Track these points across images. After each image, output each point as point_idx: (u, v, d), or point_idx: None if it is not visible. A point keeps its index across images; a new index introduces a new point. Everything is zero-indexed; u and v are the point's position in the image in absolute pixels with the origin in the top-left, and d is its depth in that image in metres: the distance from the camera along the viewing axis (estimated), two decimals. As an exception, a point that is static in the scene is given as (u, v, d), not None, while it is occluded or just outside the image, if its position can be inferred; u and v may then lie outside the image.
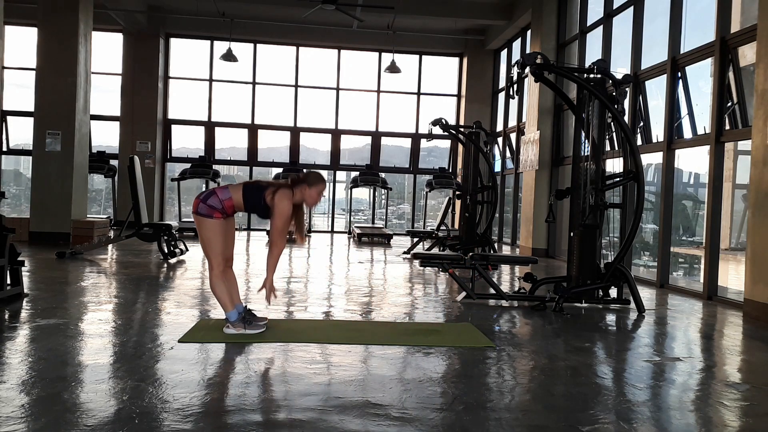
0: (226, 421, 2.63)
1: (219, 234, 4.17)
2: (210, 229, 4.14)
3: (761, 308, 5.68)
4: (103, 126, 15.45)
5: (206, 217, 4.12)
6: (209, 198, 4.13)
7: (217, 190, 4.16)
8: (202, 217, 4.12)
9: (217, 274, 4.22)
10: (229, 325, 4.22)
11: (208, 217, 4.11)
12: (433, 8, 13.58)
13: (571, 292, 5.89)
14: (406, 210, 18.22)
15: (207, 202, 4.12)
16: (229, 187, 4.18)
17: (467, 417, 2.80)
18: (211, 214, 4.11)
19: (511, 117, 14.35)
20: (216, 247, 4.19)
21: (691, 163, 8.51)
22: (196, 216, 4.15)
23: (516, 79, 6.13)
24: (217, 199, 4.12)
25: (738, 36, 6.80)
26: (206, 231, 4.15)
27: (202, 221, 4.14)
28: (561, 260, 10.46)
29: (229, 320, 4.21)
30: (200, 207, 4.12)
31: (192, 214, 4.22)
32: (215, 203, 4.12)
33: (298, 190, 4.16)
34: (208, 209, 4.11)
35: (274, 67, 15.92)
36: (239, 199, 4.14)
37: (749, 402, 3.25)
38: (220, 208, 4.12)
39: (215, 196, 4.13)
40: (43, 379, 3.10)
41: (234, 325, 4.20)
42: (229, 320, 4.21)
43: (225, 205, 4.13)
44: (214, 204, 4.11)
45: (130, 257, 8.89)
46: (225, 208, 4.14)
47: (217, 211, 4.12)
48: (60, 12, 10.61)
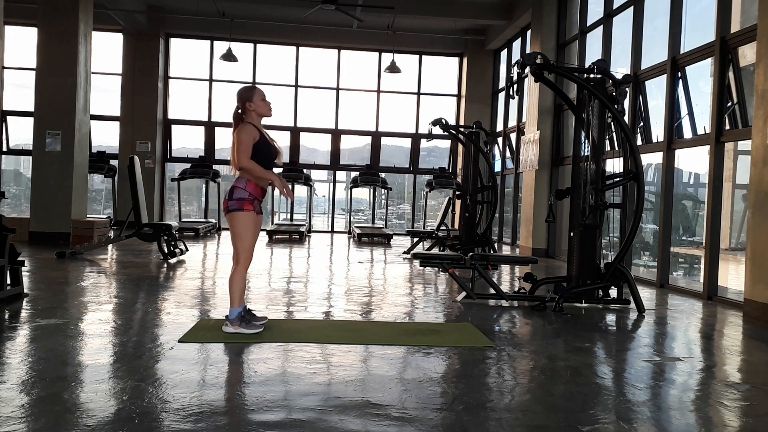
0: (226, 421, 2.63)
1: (251, 227, 4.20)
2: (242, 223, 4.17)
3: (761, 308, 5.68)
4: (103, 126, 15.46)
5: (237, 210, 4.15)
6: (233, 192, 4.18)
7: (235, 184, 4.20)
8: (234, 212, 4.16)
9: (242, 270, 4.24)
10: (228, 323, 4.22)
11: (239, 210, 4.15)
12: (433, 8, 13.58)
13: (571, 292, 5.89)
14: (406, 210, 18.23)
15: (234, 197, 4.16)
16: (241, 178, 4.19)
17: (467, 417, 2.80)
18: (241, 207, 4.14)
19: (511, 117, 14.35)
20: (247, 241, 4.21)
21: (691, 163, 8.51)
22: (229, 214, 4.18)
23: (516, 79, 6.13)
24: (240, 189, 4.16)
25: (738, 36, 6.80)
26: (238, 225, 4.18)
27: (234, 216, 4.17)
28: (561, 260, 10.46)
29: (229, 318, 4.22)
30: (230, 204, 4.16)
31: (225, 215, 4.25)
32: (242, 194, 4.15)
33: (248, 113, 4.23)
34: (238, 203, 4.14)
35: (274, 67, 15.93)
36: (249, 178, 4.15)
37: (749, 402, 3.25)
38: (247, 196, 4.15)
39: (237, 188, 4.17)
40: (43, 379, 3.10)
41: (232, 323, 4.21)
42: (229, 318, 4.22)
43: (249, 190, 4.16)
44: (241, 196, 4.15)
45: (130, 257, 8.89)
46: (253, 194, 4.17)
47: (246, 201, 4.15)
48: (60, 12, 10.61)
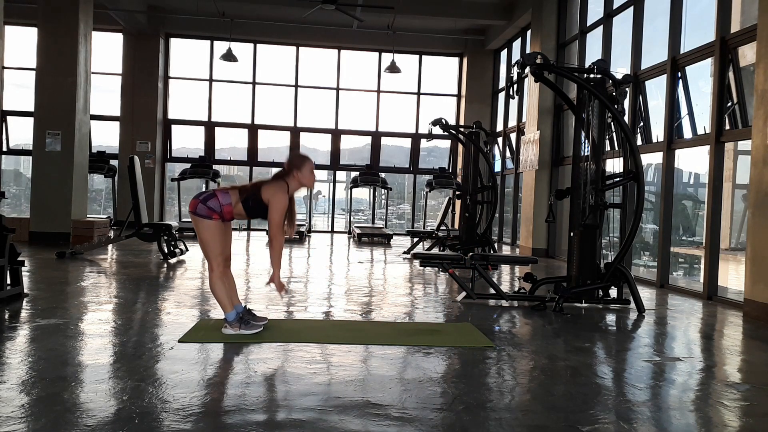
0: (226, 421, 2.63)
1: (217, 235, 4.14)
2: (208, 231, 4.10)
3: (761, 308, 5.68)
4: (103, 126, 15.46)
5: (204, 218, 4.08)
6: (209, 200, 4.08)
7: (218, 193, 4.11)
8: (200, 217, 4.08)
9: (217, 275, 4.20)
10: (227, 325, 4.22)
11: (206, 218, 4.08)
12: (433, 8, 13.58)
13: (571, 292, 5.89)
14: (406, 210, 18.23)
15: (207, 203, 4.07)
16: (230, 192, 4.12)
17: (467, 417, 2.80)
18: (210, 216, 4.07)
19: (511, 117, 14.35)
20: (215, 248, 4.15)
21: (691, 163, 8.51)
22: (194, 216, 4.10)
23: (516, 79, 6.13)
24: (217, 202, 4.07)
25: (738, 36, 6.80)
26: (204, 232, 4.11)
27: (200, 222, 4.10)
28: (561, 260, 10.46)
29: (228, 321, 4.22)
30: (199, 207, 4.08)
31: (189, 213, 4.17)
32: (215, 206, 4.07)
33: (292, 179, 4.13)
34: (207, 210, 4.07)
35: (274, 67, 15.93)
36: (238, 204, 4.08)
37: (749, 402, 3.25)
38: (218, 212, 4.08)
39: (216, 199, 4.08)
40: (43, 379, 3.10)
41: (231, 325, 4.20)
42: (228, 321, 4.22)
43: (224, 210, 4.09)
44: (213, 206, 4.07)
45: (130, 257, 8.89)
46: (224, 213, 4.10)
47: (216, 213, 4.08)
48: (60, 12, 10.61)
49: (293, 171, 4.13)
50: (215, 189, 4.20)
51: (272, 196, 4.05)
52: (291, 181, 4.13)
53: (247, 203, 4.09)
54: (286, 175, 4.14)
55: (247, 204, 4.09)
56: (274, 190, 4.06)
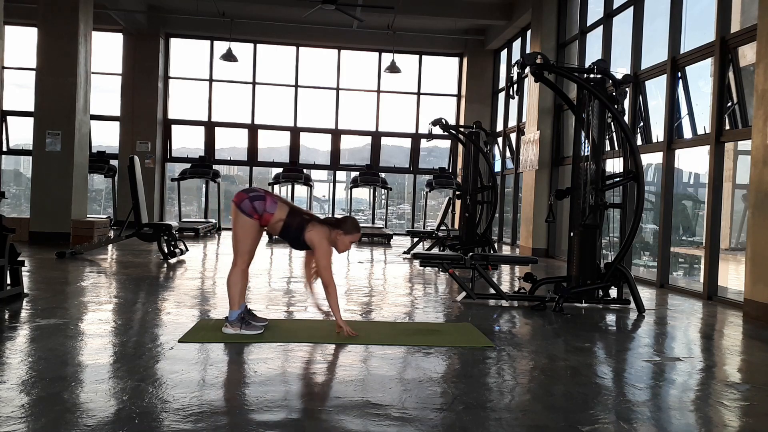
0: (226, 421, 2.63)
1: (253, 234, 4.21)
2: (244, 227, 4.16)
3: (761, 308, 5.68)
4: (103, 126, 15.46)
5: (246, 215, 4.13)
6: (257, 200, 4.14)
7: (268, 197, 4.18)
8: (242, 213, 4.13)
9: (239, 271, 4.24)
10: (227, 324, 4.22)
11: (248, 215, 4.13)
12: (433, 8, 13.58)
13: (571, 292, 5.89)
14: (406, 210, 18.23)
15: (254, 203, 4.13)
16: (278, 203, 4.19)
17: (467, 417, 2.80)
18: (251, 215, 4.13)
19: (511, 117, 14.35)
20: (245, 246, 4.22)
21: (691, 163, 8.52)
22: (237, 210, 4.14)
23: (516, 79, 6.13)
24: (263, 206, 4.13)
25: (738, 36, 6.80)
26: (241, 228, 4.17)
27: (240, 217, 4.15)
28: (561, 260, 10.46)
29: (229, 319, 4.22)
30: (244, 203, 4.12)
31: (232, 203, 4.21)
32: (259, 208, 4.13)
33: (334, 232, 4.24)
34: (251, 209, 4.12)
35: (274, 67, 15.93)
36: (280, 218, 4.16)
37: (749, 402, 3.25)
38: (260, 213, 4.14)
39: (263, 203, 4.14)
40: (43, 379, 3.10)
41: (232, 324, 4.20)
42: (229, 319, 4.22)
43: (265, 216, 4.15)
44: (258, 207, 4.13)
45: (130, 257, 8.89)
46: (263, 218, 4.16)
47: (257, 214, 4.14)
48: (60, 12, 10.61)
49: (339, 230, 4.25)
50: (267, 192, 4.25)
51: (318, 241, 4.18)
52: (332, 233, 4.24)
53: (288, 228, 4.18)
54: (332, 226, 4.26)
55: (287, 228, 4.18)
56: (319, 237, 4.17)
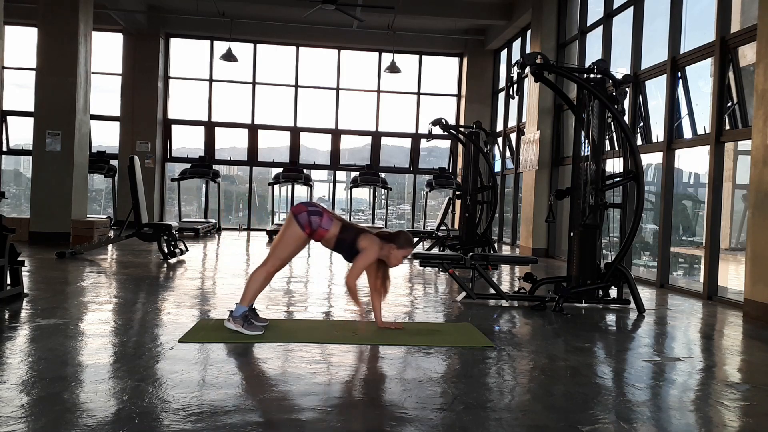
0: (226, 421, 2.62)
1: (298, 245, 4.28)
2: (293, 237, 4.23)
3: (761, 308, 5.68)
4: (103, 126, 15.46)
5: (299, 225, 4.19)
6: (314, 215, 4.21)
7: (325, 214, 4.24)
8: (296, 223, 4.19)
9: (266, 272, 4.28)
10: (231, 319, 4.22)
11: (300, 227, 4.19)
12: (433, 8, 13.58)
13: (571, 292, 5.89)
14: (406, 210, 18.23)
15: (310, 217, 4.20)
16: (333, 220, 4.26)
17: (467, 417, 2.80)
18: (304, 227, 4.19)
19: (511, 117, 14.35)
20: (285, 253, 4.29)
21: (691, 163, 8.52)
22: (293, 218, 4.21)
23: (516, 79, 6.13)
24: (319, 222, 4.20)
25: (738, 36, 6.80)
26: (289, 236, 4.23)
27: (293, 225, 4.21)
28: (561, 260, 10.46)
29: (234, 314, 4.22)
30: (302, 216, 4.20)
31: (290, 212, 4.29)
32: (315, 223, 4.20)
33: (387, 246, 4.31)
34: (306, 223, 4.19)
35: (274, 67, 15.93)
36: (334, 234, 4.24)
37: (749, 402, 3.25)
38: (314, 229, 4.20)
39: (320, 218, 4.21)
40: (43, 379, 3.10)
41: (235, 320, 4.20)
42: (234, 314, 4.22)
43: (319, 232, 4.22)
44: (313, 223, 4.19)
45: (130, 257, 8.89)
46: (316, 234, 4.23)
47: (311, 229, 4.20)
48: (60, 12, 10.61)
49: (392, 244, 4.32)
50: (324, 208, 4.30)
51: (368, 246, 4.24)
52: (384, 247, 4.31)
53: (343, 242, 4.25)
54: (385, 240, 4.33)
55: (342, 244, 4.26)
56: (370, 243, 4.25)
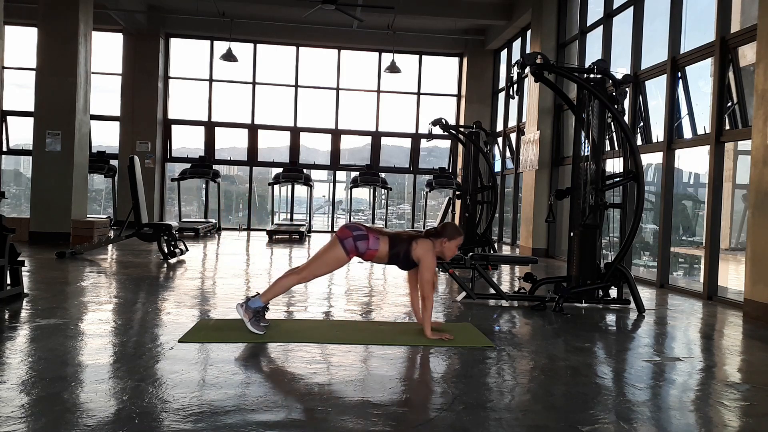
0: (226, 421, 2.63)
1: (336, 265, 4.30)
2: (335, 258, 4.24)
3: (761, 308, 5.68)
4: (103, 126, 15.46)
5: (344, 249, 4.20)
6: (360, 240, 4.21)
7: (371, 235, 4.24)
8: (341, 246, 4.20)
9: (297, 279, 4.30)
10: (244, 306, 4.20)
11: (345, 251, 4.20)
12: (433, 8, 13.58)
13: (571, 292, 5.89)
14: (406, 210, 18.23)
15: (356, 242, 4.20)
16: (379, 237, 4.26)
17: (467, 417, 2.80)
18: (349, 251, 4.20)
19: (511, 117, 14.35)
20: (322, 269, 4.31)
21: (691, 163, 8.52)
22: (338, 241, 4.22)
23: (516, 79, 6.12)
24: (366, 245, 4.21)
25: (738, 36, 6.80)
26: (331, 256, 4.24)
27: (337, 248, 4.21)
28: (561, 260, 10.46)
29: (249, 304, 4.20)
30: (347, 240, 4.20)
31: (335, 234, 4.30)
32: (362, 247, 4.20)
33: (438, 242, 4.34)
34: (352, 247, 4.19)
35: (274, 67, 15.93)
36: (385, 251, 4.25)
37: (749, 402, 3.25)
38: (361, 252, 4.22)
39: (366, 241, 4.21)
40: (43, 379, 3.10)
41: (246, 311, 4.19)
42: (249, 304, 4.20)
43: (368, 253, 4.24)
44: (360, 247, 4.20)
45: (130, 257, 8.89)
46: (366, 256, 4.25)
47: (356, 253, 4.22)
48: (60, 12, 10.61)
49: (443, 238, 4.34)
50: (368, 228, 4.30)
51: (424, 256, 4.24)
52: (436, 244, 4.33)
53: (398, 256, 4.26)
54: (435, 237, 4.35)
55: (397, 257, 4.27)
56: (425, 250, 4.25)
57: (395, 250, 4.24)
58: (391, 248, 4.24)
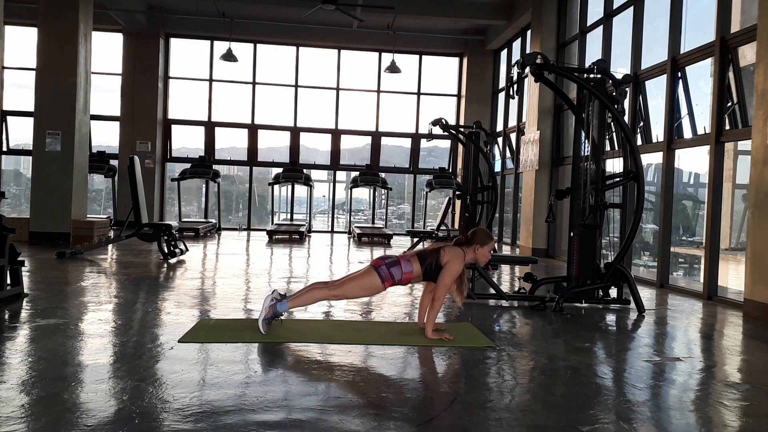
0: (226, 421, 2.62)
1: (370, 291, 4.31)
2: (370, 284, 4.26)
3: (761, 308, 5.68)
4: (103, 126, 15.46)
5: (379, 277, 4.22)
6: (393, 266, 4.24)
7: (402, 261, 4.27)
8: (377, 275, 4.23)
9: (327, 294, 4.31)
10: (274, 304, 4.18)
11: (381, 279, 4.23)
12: (433, 8, 13.58)
13: (571, 292, 5.89)
14: (406, 210, 18.23)
15: (390, 270, 4.23)
16: (410, 260, 4.27)
17: (467, 417, 2.80)
18: (384, 279, 4.23)
19: (511, 117, 14.35)
20: (353, 293, 4.32)
21: (691, 163, 8.52)
22: (373, 270, 4.24)
23: (516, 79, 6.12)
24: (400, 270, 4.24)
25: (738, 36, 6.80)
26: (366, 282, 4.26)
27: (372, 276, 4.24)
28: (561, 260, 10.46)
29: (277, 306, 4.18)
30: (381, 269, 4.24)
31: (370, 264, 4.32)
32: (396, 274, 4.23)
33: (470, 249, 4.34)
34: (387, 275, 4.23)
35: (274, 67, 15.93)
36: (418, 269, 4.27)
37: (749, 402, 3.25)
38: (397, 279, 4.25)
39: (399, 267, 4.24)
40: (43, 379, 3.10)
41: (271, 308, 4.17)
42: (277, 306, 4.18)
43: (404, 278, 4.26)
44: (395, 274, 4.23)
45: (130, 257, 8.89)
46: (402, 281, 4.27)
47: (391, 281, 4.24)
48: (60, 12, 10.61)
49: (475, 245, 4.35)
50: (399, 256, 4.33)
51: (451, 260, 4.24)
52: (468, 252, 4.34)
53: (430, 268, 4.26)
54: (467, 244, 4.35)
55: (429, 270, 4.27)
56: (453, 255, 4.26)
57: (426, 263, 4.26)
58: (422, 263, 4.26)
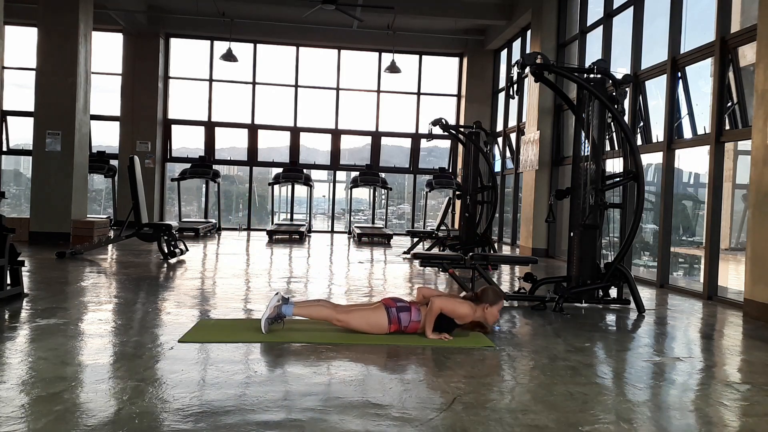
0: (226, 421, 2.62)
1: (374, 327, 4.27)
2: (377, 321, 4.25)
3: (761, 308, 5.68)
4: (103, 126, 15.46)
5: (388, 318, 4.25)
6: (403, 311, 4.27)
7: (413, 308, 4.29)
8: (386, 315, 4.25)
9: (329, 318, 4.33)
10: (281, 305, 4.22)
11: (388, 321, 4.25)
12: (433, 8, 13.58)
13: (571, 292, 5.89)
14: (406, 210, 18.23)
15: (399, 314, 4.27)
16: (420, 309, 4.30)
17: (467, 417, 2.80)
18: (391, 322, 4.26)
19: (511, 117, 14.35)
20: (358, 324, 4.29)
21: (691, 163, 8.52)
22: (383, 309, 4.27)
23: (516, 79, 6.12)
24: (408, 317, 4.27)
25: (738, 36, 6.80)
26: (373, 319, 4.27)
27: (381, 314, 4.27)
28: (561, 260, 10.46)
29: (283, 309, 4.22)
30: (392, 311, 4.27)
31: (383, 303, 4.34)
32: (404, 319, 4.26)
33: (480, 307, 4.34)
34: (395, 317, 4.26)
35: (274, 67, 15.93)
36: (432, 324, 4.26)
37: (749, 402, 3.25)
38: (404, 327, 4.26)
39: (408, 313, 4.27)
40: (43, 379, 3.10)
41: (277, 308, 4.21)
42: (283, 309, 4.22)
43: (411, 326, 4.28)
44: (402, 319, 4.26)
45: (130, 257, 8.89)
46: (408, 328, 4.28)
47: (397, 325, 4.27)
48: (60, 12, 10.61)
49: (485, 304, 4.36)
50: (411, 302, 4.37)
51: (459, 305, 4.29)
52: (477, 309, 4.34)
53: (441, 320, 4.27)
54: (476, 301, 4.37)
55: (440, 322, 4.25)
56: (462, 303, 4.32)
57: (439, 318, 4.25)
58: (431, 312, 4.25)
